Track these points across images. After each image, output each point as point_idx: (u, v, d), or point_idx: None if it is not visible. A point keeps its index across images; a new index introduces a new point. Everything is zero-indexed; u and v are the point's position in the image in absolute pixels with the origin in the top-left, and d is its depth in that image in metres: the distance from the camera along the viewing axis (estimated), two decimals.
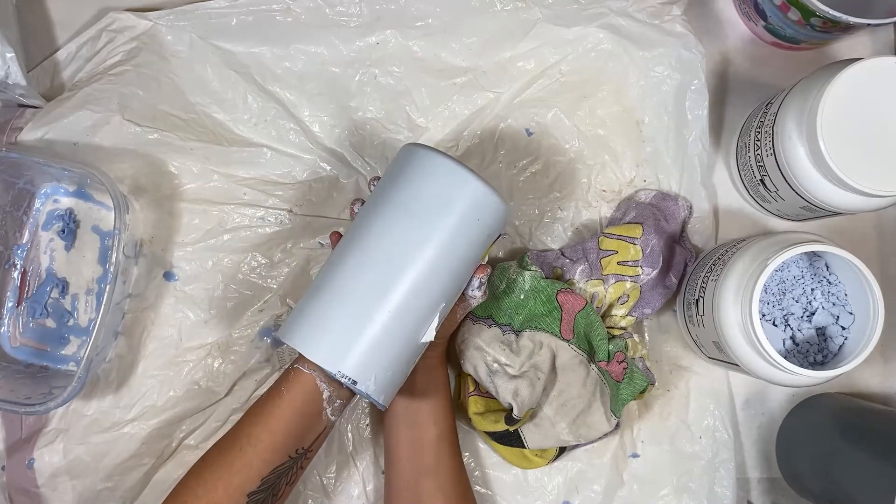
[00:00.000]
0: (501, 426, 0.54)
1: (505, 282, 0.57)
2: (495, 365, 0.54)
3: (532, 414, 0.55)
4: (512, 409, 0.53)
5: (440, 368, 0.55)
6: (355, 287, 0.46)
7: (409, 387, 0.53)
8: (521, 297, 0.56)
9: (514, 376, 0.54)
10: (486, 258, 0.52)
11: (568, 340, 0.55)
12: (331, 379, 0.46)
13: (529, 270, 0.57)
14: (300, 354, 0.47)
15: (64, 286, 0.61)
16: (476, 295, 0.51)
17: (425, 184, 0.47)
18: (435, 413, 0.54)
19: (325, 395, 0.47)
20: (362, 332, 0.45)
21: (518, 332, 0.55)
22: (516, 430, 0.55)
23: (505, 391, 0.53)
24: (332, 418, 0.48)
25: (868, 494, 0.50)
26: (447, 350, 0.57)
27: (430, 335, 0.47)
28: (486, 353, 0.55)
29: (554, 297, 0.55)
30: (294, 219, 0.61)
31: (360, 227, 0.48)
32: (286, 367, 0.48)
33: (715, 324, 0.52)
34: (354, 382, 0.44)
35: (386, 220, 0.47)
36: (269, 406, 0.47)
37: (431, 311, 0.47)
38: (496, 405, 0.57)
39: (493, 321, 0.56)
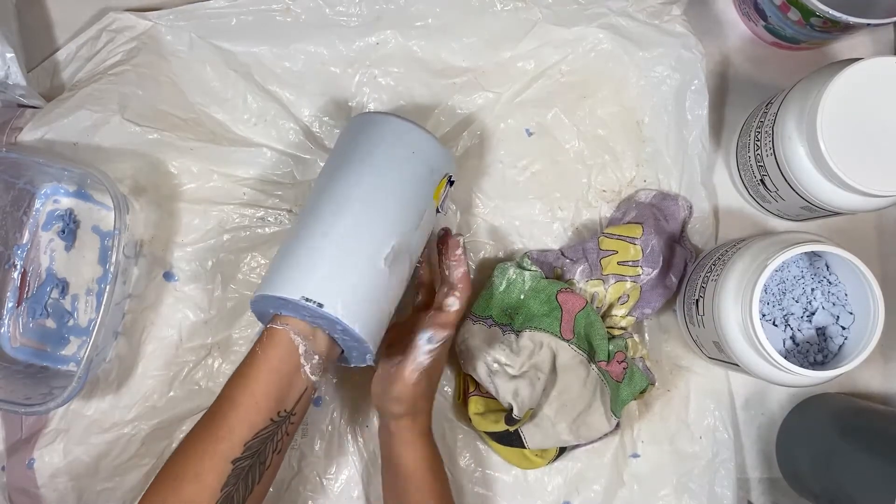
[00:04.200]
0: (501, 426, 0.54)
1: (505, 282, 0.57)
2: (495, 365, 0.54)
3: (532, 414, 0.55)
4: (512, 409, 0.53)
5: (421, 441, 0.52)
6: (304, 226, 0.49)
7: (394, 460, 0.52)
8: (521, 297, 0.56)
9: (514, 376, 0.54)
10: (442, 203, 0.53)
11: (568, 340, 0.55)
12: (305, 331, 0.46)
13: (529, 270, 0.57)
14: (273, 315, 0.47)
15: (64, 286, 0.61)
16: (424, 349, 0.49)
17: (357, 133, 0.52)
18: (422, 492, 0.51)
19: (301, 349, 0.46)
20: (315, 256, 0.47)
21: (518, 332, 0.55)
22: (516, 430, 0.55)
23: (505, 391, 0.53)
24: (313, 377, 0.47)
25: (868, 494, 0.50)
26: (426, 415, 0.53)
27: (388, 257, 0.48)
28: (486, 353, 0.55)
29: (554, 297, 0.55)
30: (294, 219, 0.61)
31: (314, 184, 0.53)
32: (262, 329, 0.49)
33: (715, 324, 0.52)
34: (321, 305, 0.45)
35: (325, 170, 0.52)
36: (245, 368, 0.46)
37: (384, 232, 0.48)
38: (496, 405, 0.57)
39: (493, 321, 0.56)
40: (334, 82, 0.62)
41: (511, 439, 0.55)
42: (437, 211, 0.53)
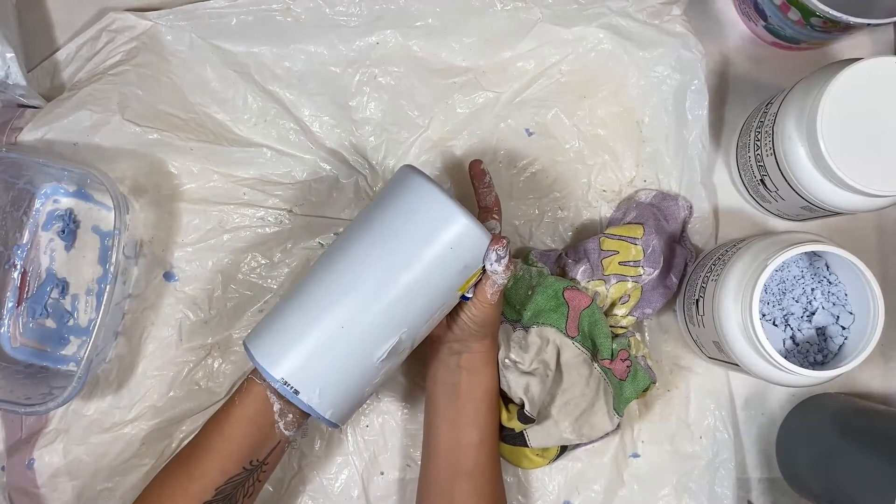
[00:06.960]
0: (504, 423, 0.54)
1: (513, 278, 0.57)
2: (507, 361, 0.55)
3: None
4: (524, 406, 0.53)
5: (488, 369, 0.53)
6: (310, 295, 0.46)
7: (454, 384, 0.53)
8: (529, 292, 0.56)
9: (525, 372, 0.54)
10: (469, 290, 0.48)
11: (572, 338, 0.55)
12: (278, 391, 0.46)
13: (536, 267, 0.57)
14: (254, 367, 0.47)
15: (64, 286, 0.61)
16: (497, 269, 0.47)
17: (395, 202, 0.47)
18: (478, 416, 0.53)
19: (276, 407, 0.47)
20: (306, 333, 0.45)
21: (527, 328, 0.56)
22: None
23: (517, 386, 0.53)
24: (287, 433, 0.47)
25: (868, 494, 0.50)
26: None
27: (384, 355, 0.46)
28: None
29: (561, 293, 0.55)
30: (294, 219, 0.61)
31: (338, 239, 0.48)
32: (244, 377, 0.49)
33: (715, 324, 0.52)
34: (297, 392, 0.44)
35: (354, 235, 0.47)
36: (223, 415, 0.47)
37: (389, 329, 0.45)
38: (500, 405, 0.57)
39: (504, 318, 0.56)
40: (334, 82, 0.62)
41: (514, 438, 0.55)
42: (462, 297, 0.49)
